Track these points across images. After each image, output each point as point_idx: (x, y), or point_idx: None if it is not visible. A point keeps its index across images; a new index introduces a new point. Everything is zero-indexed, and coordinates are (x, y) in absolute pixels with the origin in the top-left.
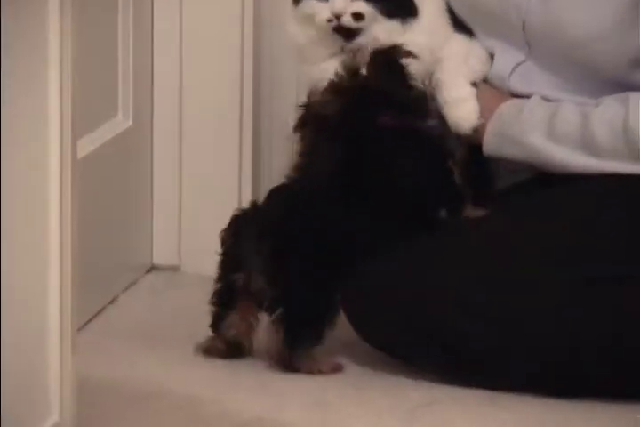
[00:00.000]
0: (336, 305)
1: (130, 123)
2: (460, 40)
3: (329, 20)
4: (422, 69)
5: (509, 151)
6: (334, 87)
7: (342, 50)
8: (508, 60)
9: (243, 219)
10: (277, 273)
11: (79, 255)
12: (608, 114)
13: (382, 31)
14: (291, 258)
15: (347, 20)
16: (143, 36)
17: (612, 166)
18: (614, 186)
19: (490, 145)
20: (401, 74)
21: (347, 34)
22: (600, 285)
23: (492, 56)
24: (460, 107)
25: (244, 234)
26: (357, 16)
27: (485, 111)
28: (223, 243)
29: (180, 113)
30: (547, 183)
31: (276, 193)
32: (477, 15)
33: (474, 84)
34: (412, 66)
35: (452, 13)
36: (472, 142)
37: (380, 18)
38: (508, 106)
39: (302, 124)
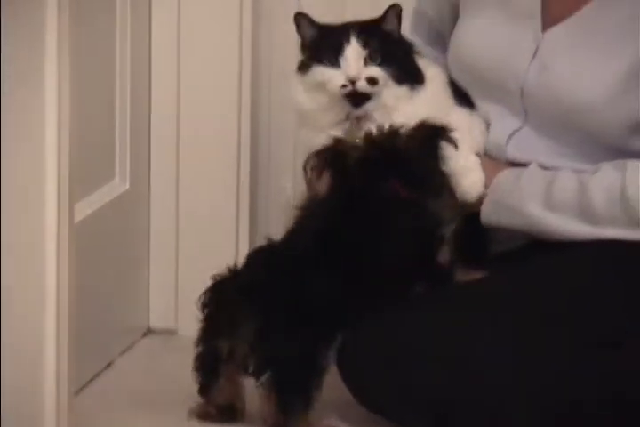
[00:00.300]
0: (323, 368)
1: (127, 186)
2: (461, 112)
3: (343, 86)
4: None
5: (507, 220)
6: (368, 138)
7: (347, 117)
8: (504, 127)
9: (222, 284)
10: (261, 339)
11: (76, 319)
12: (605, 182)
13: (391, 97)
14: (274, 323)
15: (361, 85)
16: (140, 99)
17: (610, 233)
18: (611, 252)
19: (488, 214)
20: (436, 154)
21: (357, 99)
22: (600, 348)
23: (488, 124)
24: (468, 176)
25: (224, 300)
26: (372, 81)
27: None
28: (203, 308)
29: (177, 176)
30: (544, 249)
31: (255, 256)
32: (476, 81)
33: (477, 156)
34: (449, 152)
35: (453, 85)
36: (471, 210)
37: (391, 83)
38: (506, 175)
39: (323, 165)
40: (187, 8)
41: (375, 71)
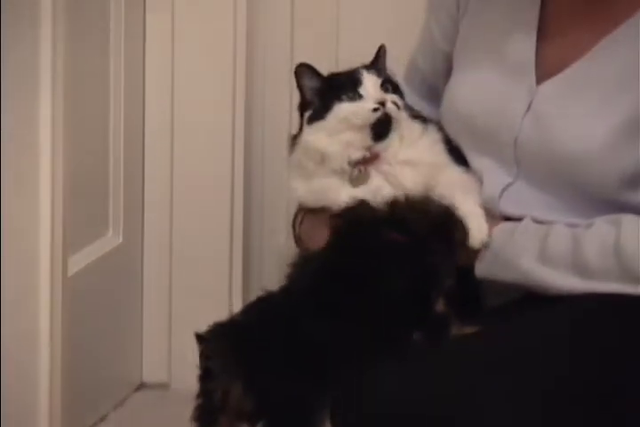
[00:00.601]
0: (319, 417)
1: (120, 240)
2: (456, 169)
3: (374, 109)
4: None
5: (502, 274)
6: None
7: (354, 165)
8: (497, 182)
9: (217, 332)
10: (254, 386)
11: (69, 372)
12: (599, 236)
13: (408, 131)
14: (267, 367)
15: (390, 107)
16: (134, 153)
17: (605, 288)
18: (607, 306)
19: (482, 268)
20: (446, 241)
21: (382, 128)
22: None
23: (480, 180)
24: (475, 220)
25: (218, 348)
26: (396, 104)
27: None
28: (200, 357)
29: (171, 230)
30: (538, 302)
31: (252, 304)
32: (469, 133)
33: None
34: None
35: (448, 144)
36: (464, 265)
37: (405, 115)
38: (500, 229)
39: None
40: (180, 47)
41: (395, 97)
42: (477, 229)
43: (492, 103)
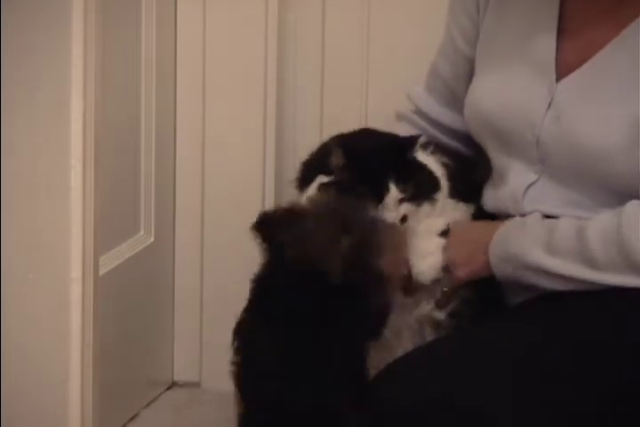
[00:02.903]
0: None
1: (152, 239)
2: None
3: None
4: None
5: (514, 269)
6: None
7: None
8: (520, 181)
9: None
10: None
11: (101, 372)
12: (601, 224)
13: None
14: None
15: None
16: (166, 153)
17: (614, 280)
18: (624, 302)
19: (497, 266)
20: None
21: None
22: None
23: (501, 178)
24: (426, 259)
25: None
26: (404, 218)
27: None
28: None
29: (202, 229)
30: (557, 299)
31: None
32: (493, 134)
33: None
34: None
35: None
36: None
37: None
38: (509, 226)
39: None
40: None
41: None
42: (427, 268)
43: (514, 103)
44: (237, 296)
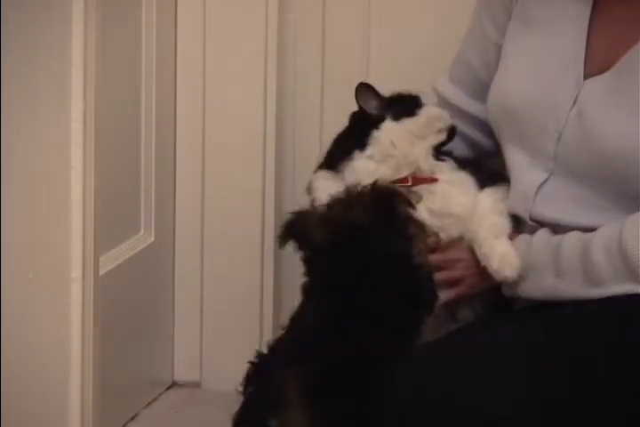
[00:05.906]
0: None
1: (152, 239)
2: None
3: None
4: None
5: (525, 289)
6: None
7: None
8: (531, 180)
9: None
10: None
11: (101, 371)
12: (605, 235)
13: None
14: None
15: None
16: (166, 152)
17: (619, 290)
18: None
19: (507, 287)
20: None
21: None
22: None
23: (511, 175)
24: (506, 260)
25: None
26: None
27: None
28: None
29: (202, 229)
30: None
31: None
32: (514, 125)
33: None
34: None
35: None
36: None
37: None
38: (516, 248)
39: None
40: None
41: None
42: (507, 268)
43: (540, 95)
44: (237, 296)
